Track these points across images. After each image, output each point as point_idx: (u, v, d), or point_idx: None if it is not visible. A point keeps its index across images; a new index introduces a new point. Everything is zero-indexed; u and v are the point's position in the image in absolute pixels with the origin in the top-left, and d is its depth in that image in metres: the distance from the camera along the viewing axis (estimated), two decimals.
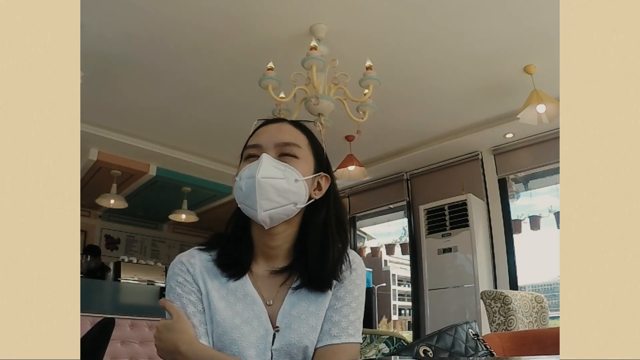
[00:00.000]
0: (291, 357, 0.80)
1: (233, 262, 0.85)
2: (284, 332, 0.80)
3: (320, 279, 0.83)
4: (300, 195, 0.83)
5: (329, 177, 0.90)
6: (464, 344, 0.72)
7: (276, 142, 0.85)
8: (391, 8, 2.52)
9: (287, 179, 0.81)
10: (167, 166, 4.65)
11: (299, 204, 0.83)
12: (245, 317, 0.81)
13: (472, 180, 4.24)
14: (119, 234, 6.34)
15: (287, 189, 0.81)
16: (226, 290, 0.83)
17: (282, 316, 0.81)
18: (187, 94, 3.45)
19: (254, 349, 0.78)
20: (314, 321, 0.81)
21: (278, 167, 0.82)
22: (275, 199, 0.80)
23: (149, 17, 2.59)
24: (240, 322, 0.80)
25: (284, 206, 0.82)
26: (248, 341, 0.79)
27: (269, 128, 0.89)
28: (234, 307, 0.81)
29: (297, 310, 0.82)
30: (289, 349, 0.79)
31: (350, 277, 0.86)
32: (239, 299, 0.82)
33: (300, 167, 0.84)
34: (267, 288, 0.84)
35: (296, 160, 0.84)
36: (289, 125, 0.90)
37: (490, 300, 2.74)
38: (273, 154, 0.83)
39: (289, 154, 0.84)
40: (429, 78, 3.25)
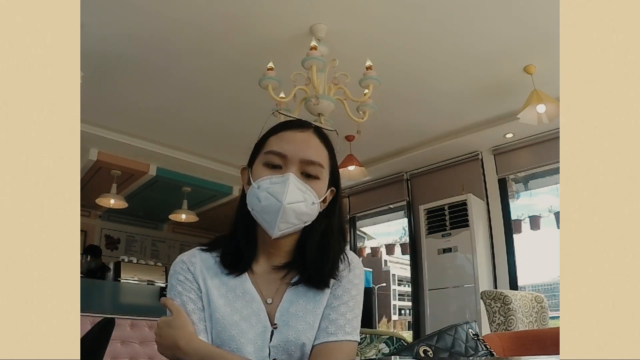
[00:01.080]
0: (289, 354, 0.80)
1: (236, 259, 0.85)
2: (282, 329, 0.81)
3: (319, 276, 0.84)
4: (312, 216, 0.84)
5: (334, 190, 0.90)
6: (464, 344, 0.72)
7: (302, 158, 0.83)
8: (391, 8, 2.52)
9: (306, 202, 0.81)
10: (167, 166, 4.65)
11: (307, 222, 0.84)
12: (244, 314, 0.81)
13: (472, 180, 4.24)
14: (119, 234, 6.34)
15: (304, 212, 0.82)
16: (226, 288, 0.84)
17: (280, 314, 0.82)
18: (187, 94, 3.45)
19: (252, 345, 0.79)
20: (311, 319, 0.82)
21: (301, 189, 0.81)
22: (293, 221, 0.81)
23: (149, 17, 2.59)
24: (239, 318, 0.81)
25: (296, 226, 0.83)
26: (246, 337, 0.79)
27: (296, 137, 0.86)
28: (233, 304, 0.82)
29: (295, 308, 0.82)
30: (286, 346, 0.80)
31: (348, 277, 0.86)
32: (238, 296, 0.83)
33: (319, 189, 0.84)
34: (267, 285, 0.85)
35: (317, 182, 0.84)
36: (316, 139, 0.88)
37: (490, 300, 2.74)
38: (297, 170, 0.82)
39: (312, 175, 0.84)
40: (429, 78, 3.25)
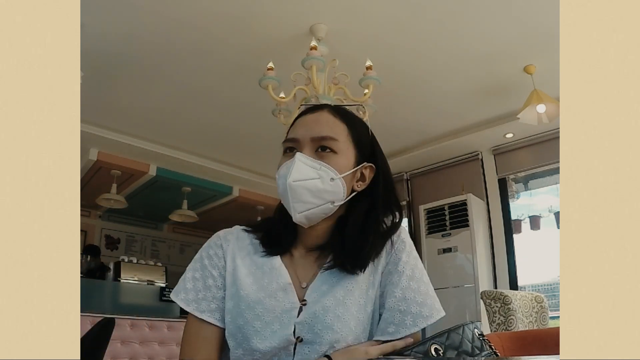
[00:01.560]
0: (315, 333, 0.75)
1: (273, 241, 0.84)
2: (310, 306, 0.77)
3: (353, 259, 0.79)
4: (337, 193, 0.80)
5: (374, 167, 0.86)
6: (471, 344, 0.72)
7: (312, 136, 0.81)
8: (391, 8, 2.52)
9: (322, 179, 0.78)
10: (167, 166, 4.65)
11: (336, 202, 0.80)
12: (269, 290, 0.78)
13: (472, 180, 4.25)
14: (119, 234, 6.34)
15: (322, 189, 0.78)
16: (255, 266, 0.82)
17: (311, 291, 0.79)
18: (187, 94, 3.45)
19: (278, 323, 0.76)
20: (341, 294, 0.77)
21: (313, 165, 0.78)
22: (310, 200, 0.78)
23: (149, 18, 2.59)
24: (264, 296, 0.78)
25: (320, 206, 0.79)
26: (272, 315, 0.76)
27: (307, 119, 0.84)
28: (260, 281, 0.80)
29: (327, 286, 0.79)
30: (312, 322, 0.75)
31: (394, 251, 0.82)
32: (265, 273, 0.81)
33: (338, 163, 0.80)
34: (303, 270, 0.82)
35: (334, 156, 0.80)
36: (329, 115, 0.84)
37: (490, 300, 2.74)
38: (309, 149, 0.80)
39: (325, 149, 0.80)
40: (429, 78, 3.25)
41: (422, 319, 0.77)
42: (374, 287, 0.81)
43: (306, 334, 0.75)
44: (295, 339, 0.75)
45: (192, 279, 0.83)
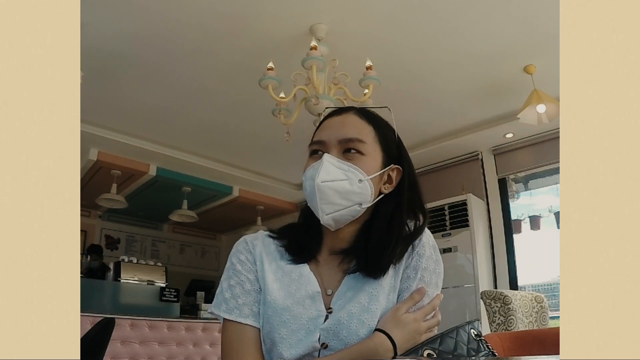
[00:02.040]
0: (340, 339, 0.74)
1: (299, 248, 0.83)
2: (336, 314, 0.76)
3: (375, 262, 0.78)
4: (365, 195, 0.79)
5: (400, 169, 0.86)
6: (466, 346, 0.72)
7: (340, 138, 0.80)
8: (391, 8, 2.52)
9: (350, 180, 0.78)
10: (167, 166, 4.65)
11: (364, 204, 0.80)
12: (297, 297, 0.78)
13: (472, 180, 4.24)
14: (119, 234, 6.34)
15: (350, 190, 0.78)
16: (282, 272, 0.81)
17: (337, 298, 0.78)
18: (187, 93, 3.45)
19: (304, 331, 0.75)
20: (366, 300, 0.77)
21: (341, 167, 0.78)
22: (338, 201, 0.77)
23: (149, 17, 2.59)
24: (291, 303, 0.77)
25: (348, 208, 0.79)
26: (299, 323, 0.76)
27: (334, 121, 0.84)
28: (287, 288, 0.79)
29: (352, 292, 0.78)
30: (337, 329, 0.75)
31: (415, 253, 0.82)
32: (293, 279, 0.80)
33: (365, 164, 0.80)
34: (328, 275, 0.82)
35: (361, 158, 0.80)
36: (355, 117, 0.85)
37: (490, 300, 2.74)
38: (337, 151, 0.80)
39: (352, 151, 0.80)
40: (429, 78, 3.25)
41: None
42: (395, 291, 0.80)
43: (331, 340, 0.75)
44: (320, 345, 0.75)
45: (228, 288, 0.81)
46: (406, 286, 0.80)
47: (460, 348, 0.72)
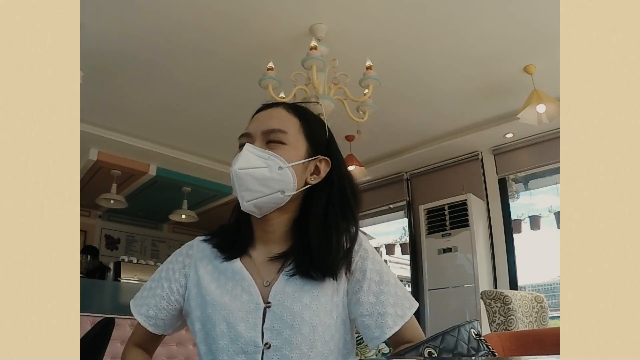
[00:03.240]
0: (284, 338, 0.76)
1: (230, 245, 0.86)
2: (276, 309, 0.78)
3: (323, 264, 0.79)
4: (286, 183, 0.81)
5: (329, 161, 0.87)
6: (466, 345, 0.72)
7: (263, 130, 0.84)
8: (391, 8, 2.52)
9: (269, 167, 0.80)
10: (167, 166, 4.65)
11: (287, 192, 0.81)
12: (234, 293, 0.80)
13: (472, 180, 4.25)
14: (119, 234, 6.34)
15: (270, 178, 0.79)
16: (217, 272, 0.84)
17: (274, 292, 0.79)
18: (187, 93, 3.45)
19: (244, 324, 0.77)
20: (308, 299, 0.78)
21: (261, 155, 0.80)
22: (257, 188, 0.79)
23: (149, 17, 2.59)
24: (229, 299, 0.80)
25: (269, 195, 0.80)
26: (237, 316, 0.78)
27: (261, 115, 0.88)
28: (224, 286, 0.82)
29: (291, 288, 0.79)
30: (281, 328, 0.76)
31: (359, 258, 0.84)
32: (228, 277, 0.82)
33: (287, 153, 0.82)
34: (263, 267, 0.83)
35: (282, 147, 0.82)
36: (282, 110, 0.87)
37: (490, 300, 2.74)
38: (260, 142, 0.83)
39: (274, 141, 0.82)
40: (429, 78, 3.25)
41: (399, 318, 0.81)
42: (338, 294, 0.82)
43: (274, 340, 0.76)
44: (263, 345, 0.76)
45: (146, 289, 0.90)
46: (360, 288, 0.82)
47: (461, 347, 0.72)
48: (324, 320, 0.78)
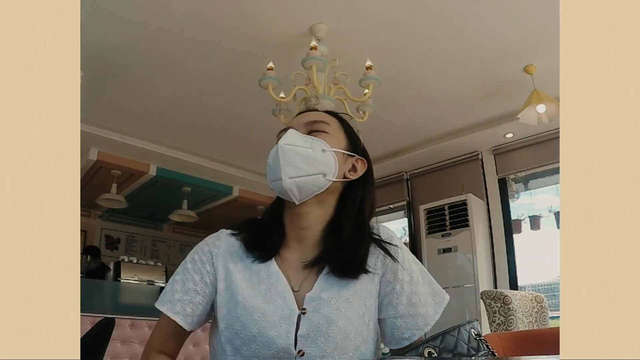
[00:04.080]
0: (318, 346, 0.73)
1: (261, 245, 0.82)
2: (311, 316, 0.74)
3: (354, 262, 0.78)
4: (329, 166, 0.80)
5: (365, 162, 0.87)
6: (467, 345, 0.72)
7: (305, 122, 0.84)
8: (391, 8, 2.52)
9: (313, 149, 0.79)
10: (167, 166, 4.65)
11: (328, 176, 0.79)
12: (267, 296, 0.76)
13: (472, 180, 4.25)
14: (119, 234, 6.34)
15: (314, 157, 0.79)
16: (250, 272, 0.80)
17: (310, 299, 0.76)
18: (187, 93, 3.45)
19: (276, 330, 0.73)
20: (343, 306, 0.76)
21: (305, 139, 0.80)
22: (302, 166, 0.77)
23: (149, 17, 2.59)
24: (262, 302, 0.76)
25: (312, 175, 0.78)
26: (269, 321, 0.74)
27: (299, 116, 0.89)
28: (256, 287, 0.78)
29: (327, 295, 0.76)
30: (315, 336, 0.73)
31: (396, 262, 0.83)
32: (262, 279, 0.79)
33: (329, 140, 0.82)
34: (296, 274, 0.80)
35: (325, 135, 0.82)
36: (322, 112, 0.89)
37: (490, 300, 2.74)
38: (303, 132, 0.83)
39: (316, 130, 0.83)
40: (429, 78, 3.25)
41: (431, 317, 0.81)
42: (371, 296, 0.80)
43: (309, 347, 0.73)
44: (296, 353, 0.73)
45: (171, 283, 0.83)
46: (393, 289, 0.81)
47: (461, 346, 0.72)
48: (356, 326, 0.76)
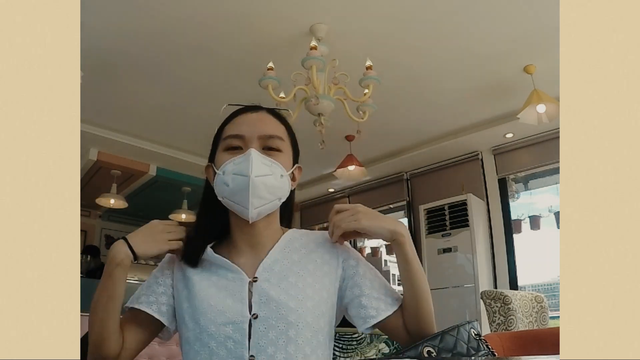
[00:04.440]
0: (270, 309, 0.77)
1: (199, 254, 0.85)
2: (262, 284, 0.79)
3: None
4: (284, 190, 0.83)
5: (301, 168, 0.91)
6: (466, 345, 0.72)
7: (260, 134, 0.83)
8: (391, 8, 2.52)
9: (274, 175, 0.81)
10: (167, 166, 4.65)
11: (282, 199, 0.84)
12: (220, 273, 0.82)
13: (472, 180, 4.24)
14: (119, 234, 6.31)
15: (275, 185, 0.81)
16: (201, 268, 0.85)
17: (262, 269, 0.81)
18: (187, 93, 3.45)
19: (231, 298, 0.78)
20: (293, 278, 0.81)
21: (265, 162, 0.81)
22: (266, 196, 0.80)
23: (149, 17, 2.59)
24: (216, 279, 0.81)
25: (271, 202, 0.82)
26: (224, 292, 0.79)
27: (250, 118, 0.86)
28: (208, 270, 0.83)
29: (278, 267, 0.82)
30: (267, 301, 0.77)
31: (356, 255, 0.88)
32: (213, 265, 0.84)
33: (284, 161, 0.83)
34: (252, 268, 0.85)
35: (280, 154, 0.83)
36: (270, 116, 0.88)
37: (490, 300, 2.74)
38: (257, 147, 0.82)
39: (273, 148, 0.83)
40: (429, 78, 3.25)
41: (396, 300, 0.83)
42: (329, 276, 0.84)
43: (262, 311, 0.77)
44: (250, 315, 0.77)
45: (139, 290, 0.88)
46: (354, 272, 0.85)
47: (460, 346, 0.72)
48: (312, 295, 0.80)
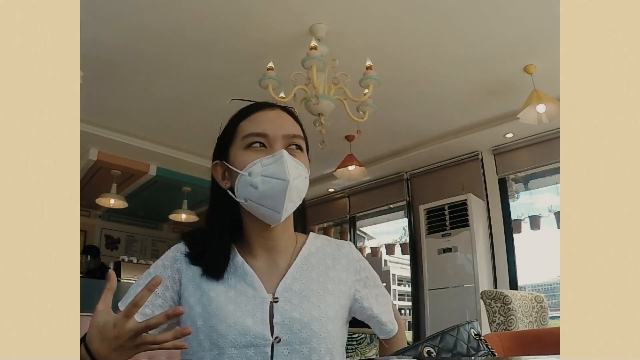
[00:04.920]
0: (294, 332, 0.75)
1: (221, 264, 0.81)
2: (284, 305, 0.77)
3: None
4: (305, 191, 0.82)
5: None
6: (466, 344, 0.72)
7: (284, 134, 0.81)
8: (391, 8, 2.52)
9: (301, 177, 0.79)
10: (167, 166, 4.65)
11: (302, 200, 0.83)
12: (238, 288, 0.78)
13: (472, 180, 4.24)
14: (119, 234, 6.34)
15: (303, 188, 0.80)
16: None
17: (282, 289, 0.79)
18: (187, 93, 3.45)
19: (251, 318, 0.75)
20: (314, 298, 0.79)
21: (295, 165, 0.78)
22: (296, 200, 0.79)
23: (149, 17, 2.58)
24: (234, 294, 0.78)
25: (297, 205, 0.81)
26: (244, 310, 0.76)
27: (270, 115, 0.85)
28: (226, 282, 0.79)
29: (298, 286, 0.80)
30: (290, 323, 0.76)
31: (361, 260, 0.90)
32: (230, 273, 0.80)
33: (304, 160, 0.82)
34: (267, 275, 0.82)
35: (302, 154, 0.82)
36: (287, 115, 0.87)
37: (490, 300, 2.74)
38: (281, 146, 0.80)
39: (297, 147, 0.82)
40: (429, 78, 3.25)
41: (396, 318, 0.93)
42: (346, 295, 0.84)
43: (285, 334, 0.75)
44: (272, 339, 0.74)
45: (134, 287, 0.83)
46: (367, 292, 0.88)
47: (460, 346, 0.72)
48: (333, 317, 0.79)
